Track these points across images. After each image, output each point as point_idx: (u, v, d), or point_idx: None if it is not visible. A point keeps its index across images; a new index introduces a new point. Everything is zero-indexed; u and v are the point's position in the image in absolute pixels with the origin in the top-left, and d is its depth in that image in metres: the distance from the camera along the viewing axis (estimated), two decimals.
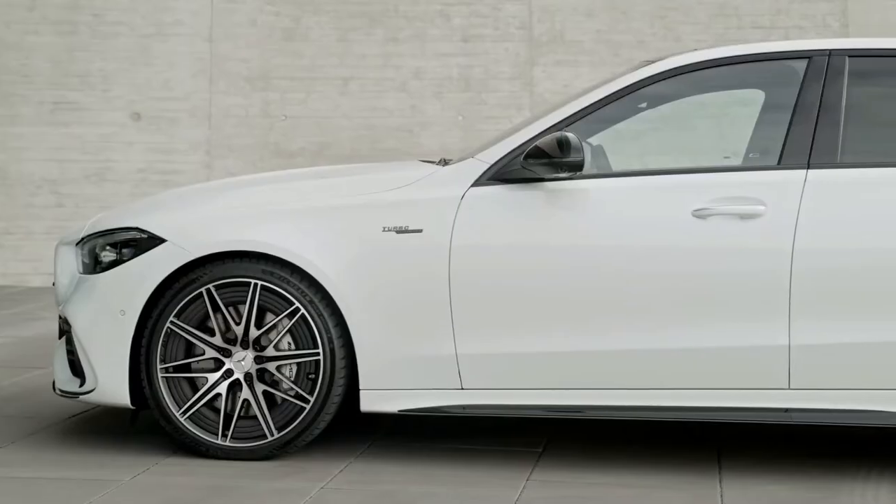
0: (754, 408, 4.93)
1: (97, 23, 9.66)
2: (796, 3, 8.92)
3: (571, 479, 4.99)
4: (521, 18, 9.30)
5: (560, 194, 5.05)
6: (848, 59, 5.08)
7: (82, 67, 9.70)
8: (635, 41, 9.15)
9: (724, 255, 4.93)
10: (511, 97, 9.31)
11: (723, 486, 4.91)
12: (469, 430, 5.72)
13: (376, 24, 9.35)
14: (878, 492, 4.86)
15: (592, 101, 5.20)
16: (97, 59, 9.71)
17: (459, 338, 5.03)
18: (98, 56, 9.71)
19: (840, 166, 4.97)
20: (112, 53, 9.68)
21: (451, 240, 5.04)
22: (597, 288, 4.96)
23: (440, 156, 6.73)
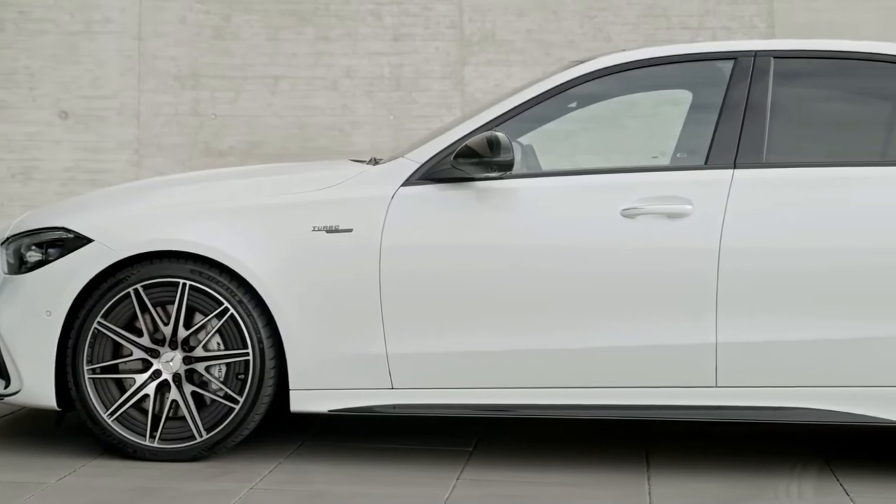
0: (682, 406, 4.97)
1: (23, 20, 9.54)
2: (724, 5, 9.01)
3: (501, 477, 5.00)
4: (451, 18, 9.31)
5: (490, 194, 5.07)
6: (773, 60, 5.14)
7: (8, 65, 9.57)
8: (566, 41, 9.19)
9: (653, 255, 4.97)
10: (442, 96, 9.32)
11: (651, 484, 4.94)
12: (400, 430, 5.72)
13: (307, 22, 9.32)
14: (802, 487, 4.93)
15: (522, 101, 5.22)
16: (23, 57, 9.59)
17: (390, 337, 5.03)
18: (24, 54, 9.59)
19: (765, 166, 5.02)
20: (38, 51, 9.56)
21: (381, 239, 5.04)
22: (526, 287, 4.98)
23: (371, 155, 6.72)
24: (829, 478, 5.04)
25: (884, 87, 5.23)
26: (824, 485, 4.95)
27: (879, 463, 5.28)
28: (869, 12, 8.91)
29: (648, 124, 7.06)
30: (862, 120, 5.36)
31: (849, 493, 4.84)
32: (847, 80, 5.25)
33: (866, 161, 5.12)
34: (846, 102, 5.37)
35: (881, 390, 4.87)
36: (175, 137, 9.43)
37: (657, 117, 6.62)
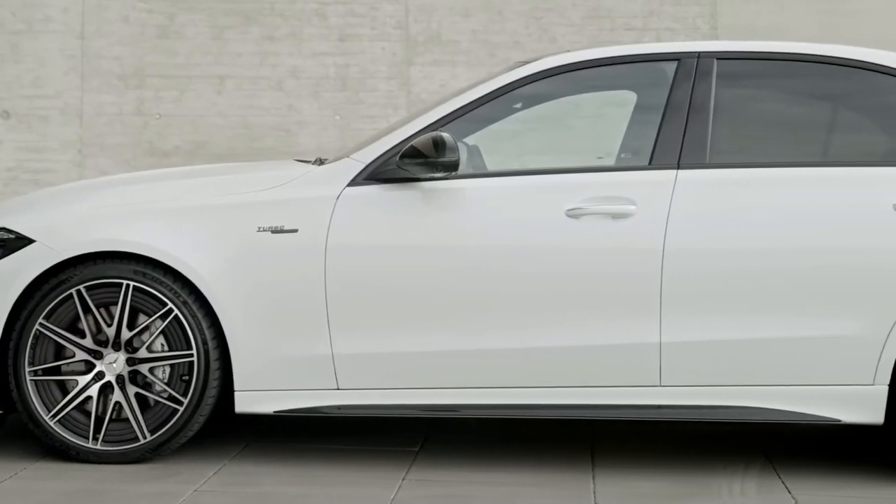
0: (627, 405, 5.00)
1: None
2: (667, 6, 9.07)
3: (447, 477, 5.01)
4: (397, 18, 9.30)
5: (435, 194, 5.07)
6: (716, 62, 5.18)
7: None
8: (511, 41, 9.21)
9: (597, 255, 4.99)
10: (388, 97, 9.31)
11: (596, 483, 4.97)
12: (346, 430, 5.71)
13: (252, 22, 9.28)
14: (745, 485, 4.97)
15: (468, 101, 5.23)
16: None
17: (335, 338, 5.02)
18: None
19: (709, 166, 5.06)
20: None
21: (326, 240, 5.03)
22: (472, 288, 4.98)
23: (317, 155, 6.70)
24: (772, 475, 5.09)
25: (824, 88, 5.28)
26: (766, 482, 5.00)
27: (820, 460, 5.34)
28: (809, 15, 9.00)
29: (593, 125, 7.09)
30: (803, 120, 5.41)
31: (790, 491, 4.89)
32: (788, 81, 5.30)
33: (808, 161, 5.16)
34: (788, 103, 5.42)
35: (823, 388, 4.92)
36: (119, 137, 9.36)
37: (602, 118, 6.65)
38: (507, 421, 5.77)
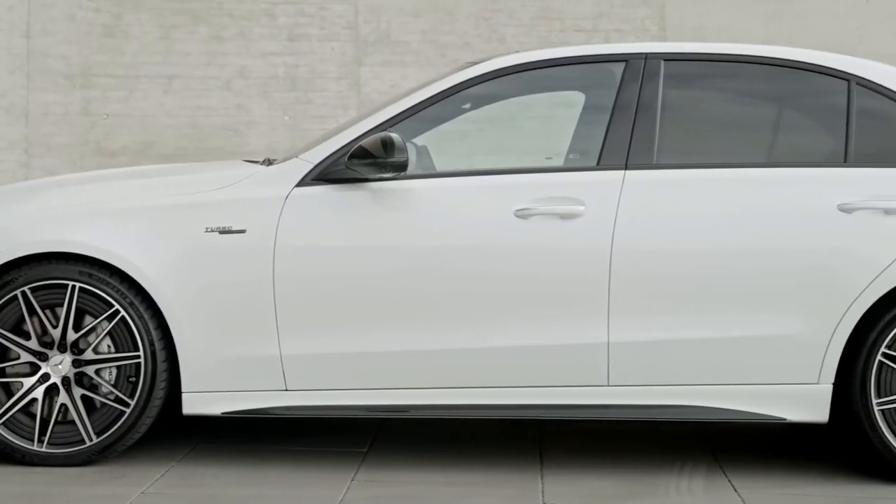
0: (575, 405, 5.02)
1: None
2: (616, 8, 9.11)
3: (396, 478, 5.00)
4: (347, 18, 9.29)
5: (384, 194, 5.06)
6: (663, 63, 5.20)
7: None
8: (461, 42, 9.22)
9: (546, 255, 5.00)
10: (338, 97, 9.30)
11: (544, 482, 4.98)
12: (294, 431, 5.70)
13: (200, 21, 9.23)
14: (692, 484, 5.00)
15: (416, 102, 5.22)
16: None
17: (284, 339, 5.00)
18: None
19: (656, 167, 5.09)
20: None
21: (275, 240, 5.01)
22: (420, 288, 4.98)
23: (266, 155, 6.67)
24: (718, 474, 5.13)
25: (771, 90, 5.32)
26: (713, 481, 5.03)
27: (767, 459, 5.38)
28: (757, 16, 9.07)
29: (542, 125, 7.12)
30: (749, 121, 5.45)
31: (737, 490, 4.92)
32: (735, 83, 5.34)
33: (754, 162, 5.21)
34: (734, 104, 5.46)
35: (769, 388, 4.96)
36: (65, 137, 9.28)
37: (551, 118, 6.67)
38: (456, 421, 5.78)
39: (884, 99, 5.12)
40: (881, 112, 5.11)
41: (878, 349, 4.92)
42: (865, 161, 5.07)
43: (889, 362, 4.93)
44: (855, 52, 5.80)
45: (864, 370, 4.94)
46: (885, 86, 5.13)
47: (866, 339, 4.93)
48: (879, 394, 4.95)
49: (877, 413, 4.94)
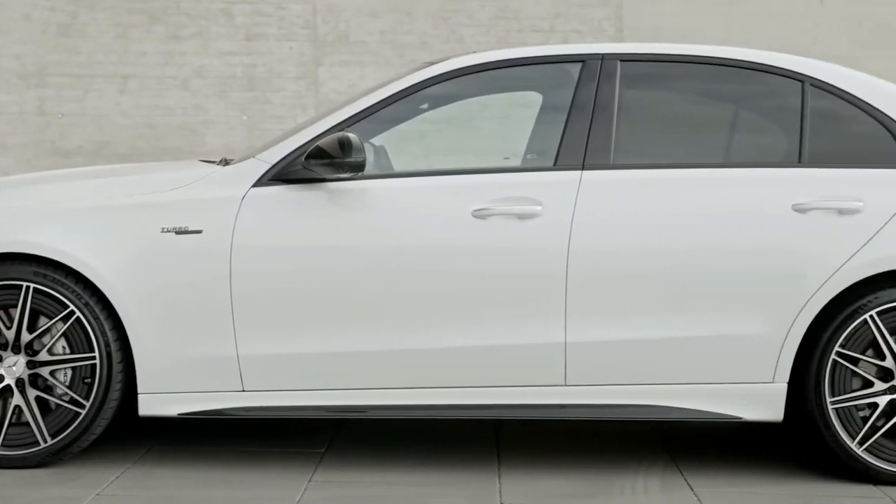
0: (532, 405, 5.03)
1: None
2: (574, 8, 9.14)
3: (353, 478, 5.00)
4: (305, 18, 9.27)
5: (342, 195, 5.06)
6: (620, 63, 5.22)
7: None
8: (419, 42, 9.22)
9: (503, 255, 5.01)
10: (296, 97, 9.27)
11: (502, 482, 4.99)
12: (251, 433, 5.68)
13: (157, 21, 9.18)
14: (648, 483, 5.02)
15: (374, 102, 5.22)
16: None
17: (241, 339, 4.99)
18: None
19: (613, 167, 5.10)
20: None
21: (231, 241, 4.99)
22: (378, 288, 4.98)
23: (224, 155, 6.65)
24: (675, 473, 5.15)
25: (727, 90, 5.35)
26: (670, 480, 5.06)
27: (722, 458, 5.41)
28: (713, 17, 9.12)
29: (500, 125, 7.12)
30: (706, 122, 5.48)
31: (693, 488, 4.95)
32: (692, 84, 5.37)
33: (710, 163, 5.23)
34: (691, 105, 5.49)
35: (725, 387, 4.99)
36: (20, 137, 9.21)
37: (508, 118, 6.67)
38: (414, 421, 5.78)
39: (837, 99, 5.16)
40: (835, 112, 5.15)
41: (832, 349, 4.96)
42: (820, 161, 5.11)
43: (843, 361, 4.97)
44: (809, 52, 5.85)
45: (818, 369, 4.97)
46: (839, 86, 5.17)
47: (820, 339, 4.97)
48: (833, 393, 4.98)
49: (831, 412, 4.98)
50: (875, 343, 4.97)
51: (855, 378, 5.00)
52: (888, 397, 4.98)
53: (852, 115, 5.15)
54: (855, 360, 4.99)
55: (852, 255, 4.95)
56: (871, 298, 4.96)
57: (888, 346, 4.96)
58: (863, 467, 4.99)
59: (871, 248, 4.95)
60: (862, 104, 5.15)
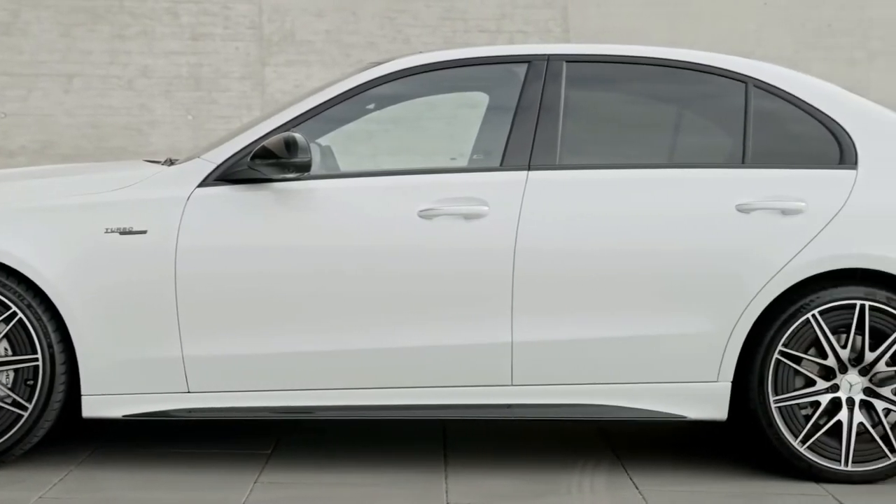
0: (479, 405, 5.03)
1: None
2: (520, 9, 9.16)
3: (299, 479, 4.98)
4: (251, 18, 9.23)
5: (288, 195, 5.04)
6: (565, 65, 5.24)
7: None
8: (365, 42, 9.21)
9: (450, 255, 5.01)
10: (242, 97, 9.23)
11: (448, 483, 4.99)
12: (197, 434, 5.65)
13: (101, 20, 9.11)
14: (594, 482, 5.04)
15: (320, 102, 5.21)
16: None
17: (186, 340, 4.96)
18: None
19: (559, 168, 5.12)
20: None
21: (176, 241, 4.97)
22: (324, 289, 4.97)
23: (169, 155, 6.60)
24: (620, 472, 5.18)
25: (671, 91, 5.39)
26: (615, 479, 5.08)
27: (667, 456, 5.45)
28: (659, 18, 9.18)
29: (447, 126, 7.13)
30: (651, 123, 5.51)
31: (638, 487, 4.97)
32: (637, 85, 5.40)
33: (655, 163, 5.26)
34: (636, 106, 5.52)
35: (669, 386, 5.02)
36: None
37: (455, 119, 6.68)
38: (361, 422, 5.77)
39: (780, 101, 5.20)
40: (778, 113, 5.20)
41: (776, 348, 5.00)
42: (763, 162, 5.15)
43: (786, 360, 5.02)
44: (753, 54, 5.90)
45: (761, 368, 5.02)
46: (782, 88, 5.22)
47: (764, 338, 5.01)
48: (776, 391, 5.03)
49: (774, 410, 5.02)
50: (817, 342, 5.02)
51: (798, 377, 5.05)
52: (830, 396, 5.03)
53: (795, 116, 5.19)
54: (798, 359, 5.03)
55: (795, 255, 4.99)
56: (813, 298, 5.01)
57: (830, 345, 5.01)
58: (805, 465, 5.04)
59: (814, 247, 5.00)
60: (804, 105, 5.20)
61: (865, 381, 5.04)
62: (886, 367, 5.03)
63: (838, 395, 5.03)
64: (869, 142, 5.14)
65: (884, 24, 9.27)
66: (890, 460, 5.03)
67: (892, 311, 4.99)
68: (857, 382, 5.03)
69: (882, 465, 5.04)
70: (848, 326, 5.01)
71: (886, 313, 5.00)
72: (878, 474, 5.04)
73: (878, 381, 5.04)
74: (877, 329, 5.01)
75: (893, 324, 5.00)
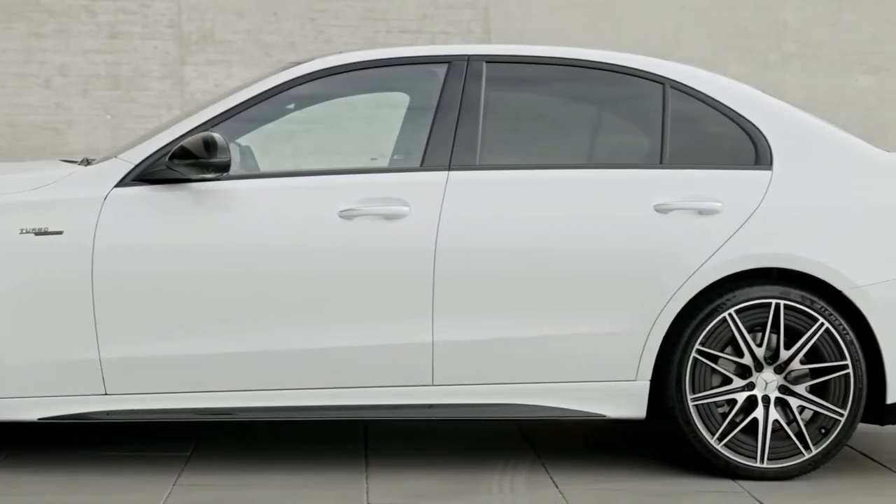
0: (400, 405, 5.04)
1: None
2: (441, 10, 9.18)
3: (219, 482, 4.95)
4: (169, 16, 9.15)
5: (207, 195, 5.01)
6: (485, 65, 5.26)
7: None
8: (286, 42, 9.17)
9: (370, 255, 5.01)
10: (161, 96, 9.15)
11: (369, 483, 4.99)
12: (115, 437, 5.59)
13: (16, 17, 8.99)
14: (514, 481, 5.07)
15: (239, 102, 5.18)
16: None
17: (103, 342, 4.91)
18: None
19: (479, 168, 5.14)
20: None
21: (93, 242, 4.92)
22: (243, 289, 4.94)
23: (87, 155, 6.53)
24: (540, 471, 5.20)
25: (591, 92, 5.42)
26: (535, 478, 5.11)
27: (586, 455, 5.48)
28: (579, 20, 9.24)
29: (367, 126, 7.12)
30: (571, 123, 5.55)
31: (558, 486, 5.00)
32: (557, 85, 5.43)
33: (575, 164, 5.30)
34: (556, 106, 5.55)
35: (589, 385, 5.05)
36: None
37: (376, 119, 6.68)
38: (282, 423, 5.74)
39: (697, 102, 5.26)
40: (695, 114, 5.25)
41: (693, 346, 5.06)
42: (681, 163, 5.20)
43: (703, 359, 5.07)
44: (672, 55, 5.94)
45: (679, 367, 5.07)
46: (698, 89, 5.27)
47: (682, 337, 5.06)
48: (694, 390, 5.08)
49: (691, 408, 5.08)
50: (734, 341, 5.08)
51: (715, 375, 5.10)
52: (746, 394, 5.10)
53: (712, 117, 5.25)
54: (715, 358, 5.09)
55: (712, 255, 5.05)
56: (729, 297, 5.07)
57: (746, 343, 5.07)
58: (723, 462, 5.10)
59: (730, 247, 5.06)
60: (721, 106, 5.26)
61: (780, 379, 5.11)
62: (801, 365, 5.10)
63: (754, 392, 5.10)
64: (783, 143, 5.22)
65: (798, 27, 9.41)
66: (804, 457, 5.11)
67: (806, 310, 5.07)
68: (773, 380, 5.11)
69: (797, 462, 5.11)
70: (764, 325, 5.08)
71: (801, 312, 5.07)
72: (792, 471, 5.12)
73: (792, 379, 5.12)
74: (791, 328, 5.08)
75: (808, 322, 5.07)
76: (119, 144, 7.67)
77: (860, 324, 5.09)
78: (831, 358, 5.08)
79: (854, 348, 5.08)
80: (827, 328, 5.06)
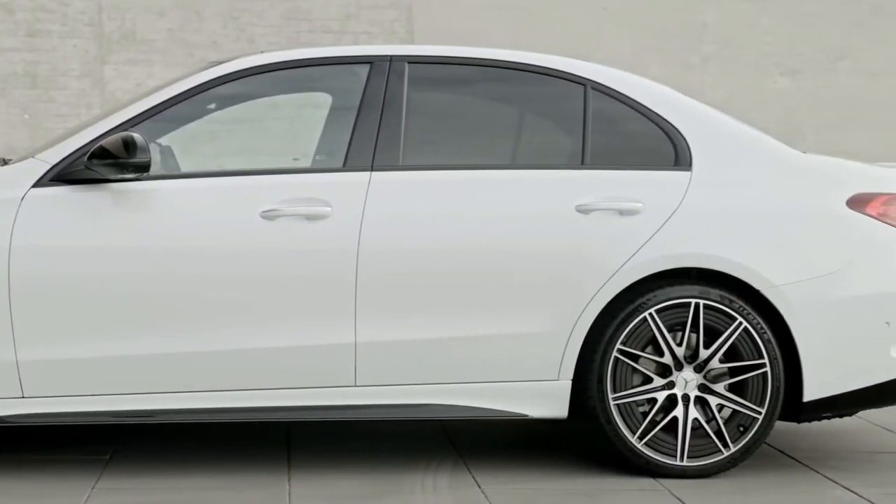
0: (323, 406, 5.02)
1: None
2: (365, 10, 9.17)
3: (139, 485, 4.91)
4: (89, 15, 9.06)
5: (126, 196, 4.96)
6: (408, 66, 5.26)
7: None
8: (209, 41, 9.12)
9: (292, 256, 4.99)
10: (81, 95, 9.06)
11: (291, 485, 4.97)
12: (33, 440, 5.52)
13: None
14: (437, 481, 5.07)
15: (160, 101, 5.14)
16: None
17: (20, 344, 4.84)
18: None
19: (402, 168, 5.14)
20: None
21: (10, 243, 4.85)
22: (163, 291, 4.90)
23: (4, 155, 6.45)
24: (463, 471, 5.21)
25: (513, 93, 5.44)
26: (458, 478, 5.11)
27: (509, 454, 5.50)
28: (502, 21, 9.29)
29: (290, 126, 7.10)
30: (493, 124, 5.57)
31: (480, 486, 5.01)
32: (479, 86, 5.44)
33: (497, 164, 5.32)
34: (479, 107, 5.56)
35: (511, 385, 5.07)
36: None
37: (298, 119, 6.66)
38: (203, 425, 5.70)
39: (618, 103, 5.29)
40: (615, 115, 5.29)
41: (614, 346, 5.09)
42: (602, 163, 5.23)
43: (624, 358, 5.11)
44: (593, 57, 5.98)
45: (601, 366, 5.10)
46: (619, 90, 5.31)
47: (603, 337, 5.09)
48: (615, 389, 5.11)
49: (612, 408, 5.11)
50: (654, 340, 5.12)
51: (636, 374, 5.14)
52: (666, 392, 5.14)
53: (632, 118, 5.29)
54: (636, 357, 5.13)
55: (632, 255, 5.09)
56: (650, 297, 5.11)
57: (666, 342, 5.12)
58: (644, 461, 5.14)
59: (650, 247, 5.10)
60: (641, 108, 5.30)
61: (700, 378, 5.16)
62: (720, 363, 5.16)
63: (674, 391, 5.14)
64: (703, 144, 5.27)
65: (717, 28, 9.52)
66: (723, 455, 5.16)
67: (724, 310, 5.12)
68: (692, 379, 5.16)
69: (716, 460, 5.16)
70: (684, 324, 5.13)
71: (720, 311, 5.12)
72: (712, 468, 5.17)
73: (711, 377, 5.17)
74: (711, 327, 5.13)
75: (726, 322, 5.13)
76: (37, 144, 7.58)
77: (778, 323, 5.16)
78: (749, 357, 5.14)
79: (772, 347, 5.15)
80: (745, 327, 5.12)
